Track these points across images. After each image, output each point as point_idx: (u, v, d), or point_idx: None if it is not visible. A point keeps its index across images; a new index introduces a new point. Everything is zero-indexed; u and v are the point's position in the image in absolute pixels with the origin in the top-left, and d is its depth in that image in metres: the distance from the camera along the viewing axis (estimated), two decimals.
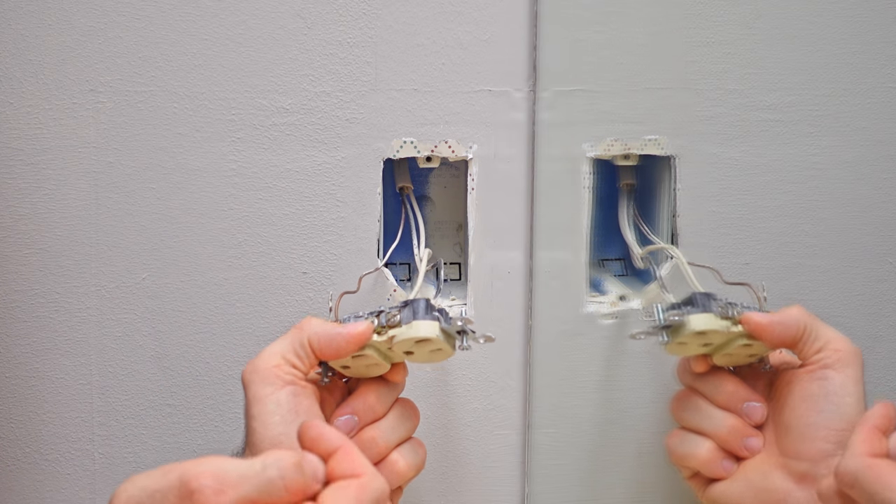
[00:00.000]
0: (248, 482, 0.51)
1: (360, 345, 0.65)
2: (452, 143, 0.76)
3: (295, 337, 0.66)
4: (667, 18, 0.76)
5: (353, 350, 0.65)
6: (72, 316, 0.74)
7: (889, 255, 0.81)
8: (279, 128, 0.73)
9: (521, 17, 0.75)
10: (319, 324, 0.66)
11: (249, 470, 0.51)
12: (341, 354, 0.65)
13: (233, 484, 0.51)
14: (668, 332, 0.68)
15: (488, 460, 0.80)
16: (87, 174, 0.72)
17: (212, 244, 0.74)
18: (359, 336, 0.65)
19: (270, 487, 0.51)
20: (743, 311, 0.67)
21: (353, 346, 0.64)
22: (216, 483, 0.50)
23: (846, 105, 0.78)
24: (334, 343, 0.65)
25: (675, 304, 0.69)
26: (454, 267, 0.81)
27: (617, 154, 0.78)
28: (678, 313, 0.67)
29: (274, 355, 0.65)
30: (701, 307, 0.67)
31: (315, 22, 0.73)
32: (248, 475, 0.51)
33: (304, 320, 0.66)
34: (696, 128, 0.77)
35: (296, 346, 0.65)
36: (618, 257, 0.83)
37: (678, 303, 0.69)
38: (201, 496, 0.50)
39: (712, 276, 0.74)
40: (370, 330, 0.65)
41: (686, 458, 0.70)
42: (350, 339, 0.65)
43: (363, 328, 0.65)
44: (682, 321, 0.67)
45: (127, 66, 0.71)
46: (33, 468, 0.76)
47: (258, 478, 0.51)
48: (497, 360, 0.78)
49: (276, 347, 0.65)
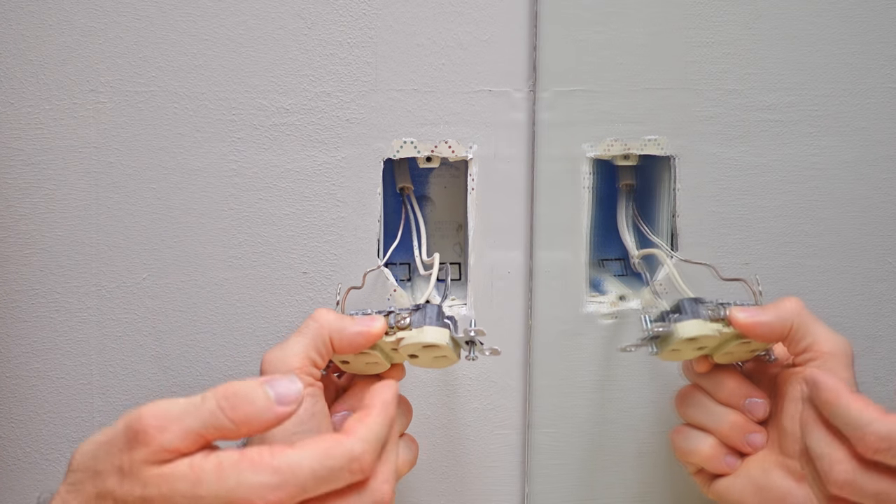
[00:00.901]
0: (190, 416, 0.52)
1: (373, 343, 0.64)
2: (452, 143, 0.76)
3: (317, 333, 0.64)
4: (667, 18, 0.76)
5: (365, 347, 0.64)
6: (72, 316, 0.74)
7: (889, 255, 0.81)
8: (279, 128, 0.73)
9: (521, 17, 0.75)
10: (336, 318, 0.65)
11: (190, 404, 0.53)
12: (354, 350, 0.65)
13: (175, 419, 0.52)
14: (656, 342, 0.68)
15: (488, 460, 0.80)
16: (87, 174, 0.72)
17: (212, 244, 0.74)
18: (375, 334, 0.64)
19: (213, 419, 0.52)
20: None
21: (367, 344, 0.64)
22: (158, 421, 0.52)
23: (846, 105, 0.78)
24: (353, 341, 0.64)
25: (664, 314, 0.68)
26: (454, 267, 0.81)
27: (617, 154, 0.78)
28: (664, 325, 0.67)
29: (298, 355, 0.64)
30: (689, 314, 0.67)
31: (315, 22, 0.73)
32: (189, 409, 0.53)
33: (317, 312, 0.65)
34: (696, 128, 0.77)
35: (318, 343, 0.64)
36: (618, 257, 0.83)
37: (667, 311, 0.68)
38: (146, 436, 0.52)
39: (710, 273, 0.74)
40: (384, 329, 0.65)
41: (690, 453, 0.70)
42: (369, 336, 0.64)
43: (380, 326, 0.65)
44: (669, 331, 0.67)
45: (127, 66, 0.71)
46: (33, 468, 0.76)
47: (198, 410, 0.53)
48: (497, 360, 0.78)
49: (298, 346, 0.64)
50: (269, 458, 0.52)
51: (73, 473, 0.55)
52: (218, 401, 0.53)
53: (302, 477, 0.52)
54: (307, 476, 0.52)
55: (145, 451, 0.52)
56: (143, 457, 0.52)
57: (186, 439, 0.52)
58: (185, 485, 0.51)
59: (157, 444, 0.52)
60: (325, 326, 0.65)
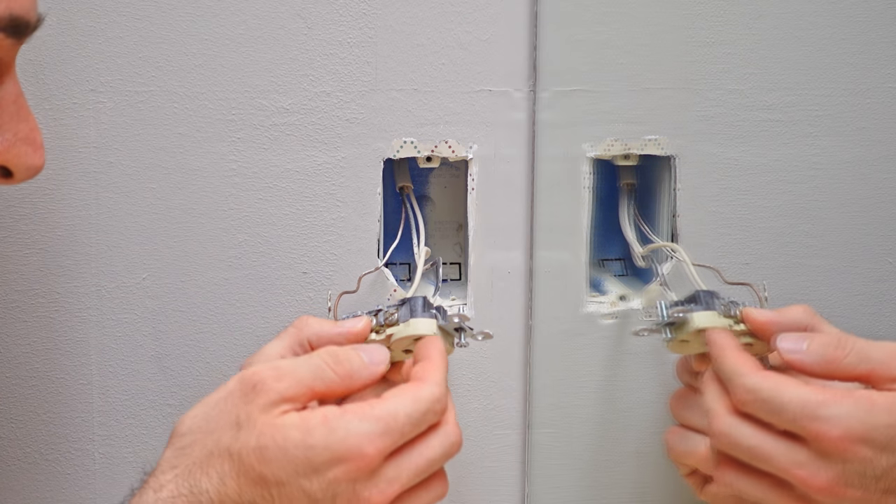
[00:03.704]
0: (301, 368, 0.59)
1: (359, 342, 0.65)
2: (452, 143, 0.76)
3: (294, 338, 0.65)
4: (667, 18, 0.76)
5: None
6: (72, 316, 0.74)
7: (889, 255, 0.81)
8: (279, 128, 0.73)
9: (521, 17, 0.75)
10: (317, 323, 0.66)
11: (298, 360, 0.60)
12: None
13: (288, 371, 0.58)
14: (671, 328, 0.68)
15: (488, 460, 0.80)
16: (87, 174, 0.72)
17: (212, 244, 0.74)
18: (358, 333, 0.65)
19: (321, 372, 0.59)
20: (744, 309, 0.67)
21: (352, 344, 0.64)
22: (274, 372, 0.58)
23: (846, 105, 0.78)
24: (334, 342, 0.65)
25: (679, 302, 0.69)
26: (454, 267, 0.81)
27: (617, 154, 0.78)
28: (682, 310, 0.67)
29: (272, 358, 0.64)
30: (704, 305, 0.67)
31: (315, 22, 0.73)
32: (299, 363, 0.59)
33: (299, 319, 0.66)
34: (696, 128, 0.77)
35: (294, 347, 0.65)
36: (618, 257, 0.83)
37: (681, 300, 0.69)
38: (263, 385, 0.57)
39: (713, 276, 0.74)
40: (368, 327, 0.65)
41: (685, 455, 0.70)
42: (350, 336, 0.65)
43: (362, 325, 0.65)
44: (685, 318, 0.67)
45: (127, 66, 0.71)
46: (33, 468, 0.76)
47: (308, 364, 0.59)
48: (497, 360, 0.78)
49: (273, 349, 0.65)
50: (369, 409, 0.57)
51: (180, 438, 0.58)
52: (323, 358, 0.59)
53: (401, 422, 0.57)
54: (405, 421, 0.57)
55: (263, 399, 0.57)
56: (261, 406, 0.57)
57: (300, 389, 0.57)
58: (298, 434, 0.56)
59: (276, 392, 0.57)
60: (304, 330, 0.66)
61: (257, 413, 0.57)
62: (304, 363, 0.59)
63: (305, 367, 0.59)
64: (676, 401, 0.71)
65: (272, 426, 0.56)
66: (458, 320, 0.66)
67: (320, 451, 0.55)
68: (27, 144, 0.58)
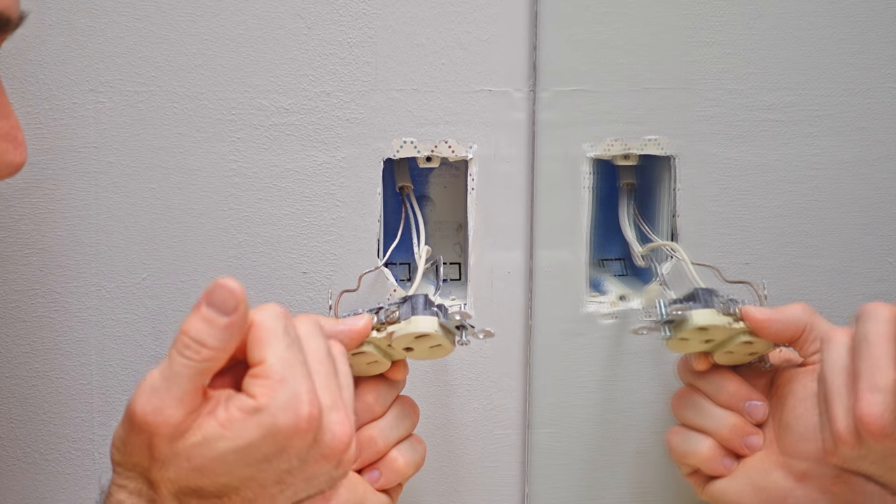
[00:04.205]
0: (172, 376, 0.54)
1: (361, 340, 0.65)
2: (452, 143, 0.76)
3: None
4: (667, 18, 0.76)
5: (353, 346, 0.64)
6: (72, 316, 0.74)
7: (889, 255, 0.81)
8: (279, 128, 0.73)
9: (521, 17, 0.75)
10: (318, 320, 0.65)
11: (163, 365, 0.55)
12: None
13: (162, 390, 0.54)
14: (670, 326, 0.68)
15: (488, 460, 0.80)
16: (87, 174, 0.72)
17: (212, 244, 0.74)
18: (360, 331, 0.65)
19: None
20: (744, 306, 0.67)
21: (354, 342, 0.64)
22: (151, 405, 0.54)
23: (846, 105, 0.78)
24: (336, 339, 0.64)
25: (678, 300, 0.69)
26: (454, 267, 0.81)
27: (617, 154, 0.78)
28: (681, 307, 0.67)
29: None
30: (703, 303, 0.67)
31: (315, 22, 0.73)
32: (164, 371, 0.54)
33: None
34: (696, 128, 0.77)
35: None
36: (618, 257, 0.83)
37: (680, 298, 0.69)
38: (149, 426, 0.53)
39: (713, 275, 0.74)
40: (370, 325, 0.65)
41: (687, 455, 0.70)
42: (352, 334, 0.64)
43: (363, 323, 0.65)
44: (684, 316, 0.67)
45: (127, 66, 0.71)
46: (33, 468, 0.76)
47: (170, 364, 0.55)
48: (497, 360, 0.78)
49: None
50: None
51: (118, 466, 0.56)
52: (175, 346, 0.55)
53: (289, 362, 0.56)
54: (291, 361, 0.56)
55: (161, 437, 0.54)
56: (165, 441, 0.54)
57: (185, 402, 0.54)
58: (225, 441, 0.53)
59: (166, 426, 0.53)
60: None
61: (167, 448, 0.54)
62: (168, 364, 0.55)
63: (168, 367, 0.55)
64: (678, 401, 0.71)
65: (191, 447, 0.54)
66: (460, 318, 0.66)
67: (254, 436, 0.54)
68: (7, 142, 0.58)
